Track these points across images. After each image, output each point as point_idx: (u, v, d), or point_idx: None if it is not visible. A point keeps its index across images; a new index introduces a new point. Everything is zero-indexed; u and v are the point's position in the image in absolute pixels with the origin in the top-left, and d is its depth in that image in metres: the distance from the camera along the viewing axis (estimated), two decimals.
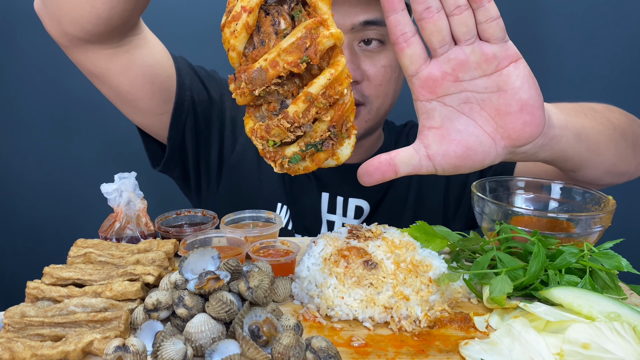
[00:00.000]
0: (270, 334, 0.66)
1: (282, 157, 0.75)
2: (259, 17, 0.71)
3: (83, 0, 0.95)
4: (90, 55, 1.09)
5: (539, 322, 0.73)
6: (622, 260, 0.83)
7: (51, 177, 1.97)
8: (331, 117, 0.73)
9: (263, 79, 0.70)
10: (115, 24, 1.01)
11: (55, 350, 0.65)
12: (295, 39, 0.70)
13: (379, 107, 1.25)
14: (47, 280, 0.79)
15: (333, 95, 0.72)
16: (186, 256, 0.74)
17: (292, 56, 0.69)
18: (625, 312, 0.71)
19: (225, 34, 0.71)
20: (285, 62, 0.69)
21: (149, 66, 1.16)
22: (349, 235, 0.88)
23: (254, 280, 0.70)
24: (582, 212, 1.04)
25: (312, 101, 0.71)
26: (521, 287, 0.84)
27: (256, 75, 0.70)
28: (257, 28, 0.72)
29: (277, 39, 0.71)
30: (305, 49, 0.69)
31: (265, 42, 0.72)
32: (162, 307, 0.71)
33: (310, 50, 0.70)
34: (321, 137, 0.74)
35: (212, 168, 1.37)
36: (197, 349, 0.65)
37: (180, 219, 1.06)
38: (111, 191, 0.95)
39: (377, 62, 1.21)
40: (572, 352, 0.66)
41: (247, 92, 0.72)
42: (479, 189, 1.04)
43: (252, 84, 0.71)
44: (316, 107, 0.71)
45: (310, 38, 0.70)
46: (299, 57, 0.69)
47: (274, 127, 0.72)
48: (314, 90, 0.71)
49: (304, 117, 0.71)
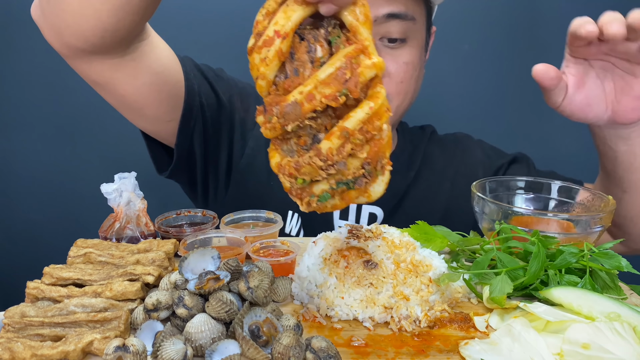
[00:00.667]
0: (270, 334, 0.66)
1: (310, 195, 0.68)
2: (293, 43, 0.64)
3: (88, 13, 0.89)
4: (94, 66, 1.02)
5: (539, 322, 0.73)
6: (622, 260, 0.83)
7: (51, 177, 1.97)
8: (367, 154, 0.66)
9: (297, 114, 0.63)
10: (122, 35, 0.95)
11: (55, 350, 0.65)
12: (334, 69, 0.62)
13: (398, 106, 1.22)
14: (47, 280, 0.79)
15: (371, 131, 0.64)
16: (186, 256, 0.74)
17: (330, 88, 0.62)
18: (625, 312, 0.71)
19: (254, 60, 0.64)
20: (323, 96, 0.62)
21: (157, 73, 1.11)
22: (349, 235, 0.88)
23: (254, 280, 0.70)
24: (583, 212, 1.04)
25: (348, 137, 0.63)
26: (521, 287, 0.84)
27: (290, 110, 0.63)
28: (291, 54, 0.64)
29: (313, 68, 0.64)
30: (345, 80, 0.62)
31: (300, 70, 0.64)
32: (162, 307, 0.71)
33: (351, 82, 0.62)
34: (354, 175, 0.66)
35: (221, 172, 1.33)
36: (197, 349, 0.65)
37: (180, 219, 1.06)
38: (111, 191, 0.95)
39: (398, 59, 1.18)
40: (572, 352, 0.66)
41: (278, 127, 0.64)
42: (479, 189, 1.04)
43: (284, 119, 0.63)
44: (352, 143, 0.64)
45: (350, 68, 0.62)
46: (338, 90, 0.62)
47: (305, 165, 0.65)
48: (350, 126, 0.63)
49: (338, 155, 0.64)
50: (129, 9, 0.89)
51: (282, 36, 0.62)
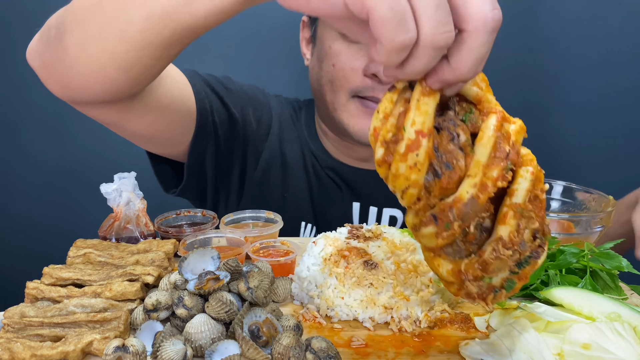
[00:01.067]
0: (270, 334, 0.66)
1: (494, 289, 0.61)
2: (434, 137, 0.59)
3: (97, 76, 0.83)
4: (102, 111, 0.97)
5: (539, 322, 0.73)
6: (623, 260, 0.83)
7: (51, 177, 1.97)
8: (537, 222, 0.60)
9: (476, 210, 0.57)
10: (136, 91, 0.90)
11: (54, 351, 0.64)
12: (491, 148, 0.56)
13: None
14: (46, 281, 0.78)
15: (540, 197, 0.59)
16: (186, 256, 0.74)
17: (496, 169, 0.56)
18: (625, 313, 0.71)
19: (398, 170, 0.56)
20: (492, 180, 0.56)
21: (167, 105, 1.05)
22: (349, 235, 0.88)
23: (254, 281, 0.70)
24: (583, 212, 1.04)
25: (522, 213, 0.58)
26: (522, 288, 0.83)
27: (469, 208, 0.56)
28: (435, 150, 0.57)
29: (467, 155, 0.57)
30: (506, 155, 0.57)
31: (453, 163, 0.57)
32: (161, 307, 0.71)
33: (512, 154, 0.57)
34: (531, 250, 0.60)
35: (233, 186, 1.30)
36: (197, 349, 0.65)
37: (180, 219, 1.06)
38: (111, 191, 0.95)
39: None
40: (572, 352, 0.66)
41: (458, 232, 0.58)
42: None
43: (463, 220, 0.57)
44: (525, 217, 0.59)
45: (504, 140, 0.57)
46: (504, 168, 0.57)
47: (492, 261, 0.58)
48: (520, 200, 0.58)
49: (519, 235, 0.58)
50: (142, 68, 0.83)
51: (426, 135, 0.55)
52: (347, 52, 1.15)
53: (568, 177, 1.26)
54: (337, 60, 1.16)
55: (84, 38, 0.82)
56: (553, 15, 1.78)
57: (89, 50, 0.82)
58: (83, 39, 0.82)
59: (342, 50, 1.15)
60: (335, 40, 1.16)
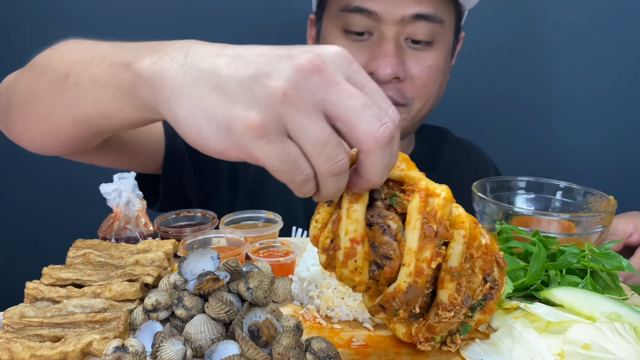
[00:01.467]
0: (270, 334, 0.66)
1: (452, 335, 0.68)
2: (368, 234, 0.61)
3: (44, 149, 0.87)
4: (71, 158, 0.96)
5: (539, 322, 0.73)
6: (623, 260, 0.83)
7: (50, 177, 1.97)
8: (482, 269, 0.64)
9: (418, 293, 0.60)
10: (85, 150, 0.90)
11: (54, 351, 0.64)
12: (419, 231, 0.59)
13: (419, 110, 1.20)
14: (46, 281, 0.78)
15: (474, 256, 0.63)
16: (185, 257, 0.74)
17: (428, 250, 0.59)
18: (626, 313, 0.71)
19: (342, 274, 0.61)
20: (427, 261, 0.59)
21: (129, 141, 1.05)
22: None
23: (254, 281, 0.69)
24: (583, 212, 1.04)
25: (460, 275, 0.62)
26: (522, 288, 0.83)
27: (410, 295, 0.60)
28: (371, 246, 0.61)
29: (399, 242, 0.60)
30: (435, 233, 0.59)
31: (390, 254, 0.60)
32: (161, 307, 0.71)
33: (441, 230, 0.60)
34: (482, 293, 0.65)
35: (223, 197, 1.28)
36: (197, 350, 0.65)
37: (179, 219, 1.05)
38: (110, 191, 0.95)
39: (423, 62, 1.16)
40: (573, 352, 0.66)
41: (406, 314, 0.63)
42: (480, 189, 1.04)
43: (408, 305, 0.61)
44: (464, 277, 0.63)
45: (431, 219, 0.60)
46: (436, 245, 0.60)
47: (437, 324, 0.63)
48: (455, 264, 0.61)
49: (459, 295, 0.62)
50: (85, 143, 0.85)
51: (360, 242, 0.59)
52: (347, 50, 1.15)
53: (568, 177, 1.26)
54: None
55: (25, 122, 0.87)
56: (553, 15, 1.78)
57: (30, 132, 0.88)
58: (24, 122, 0.87)
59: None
60: (337, 38, 1.16)
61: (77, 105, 0.73)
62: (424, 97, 1.18)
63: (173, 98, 0.54)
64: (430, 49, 1.16)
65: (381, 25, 1.12)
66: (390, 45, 1.11)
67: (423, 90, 1.17)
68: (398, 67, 1.11)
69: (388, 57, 1.11)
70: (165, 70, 0.55)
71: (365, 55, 1.14)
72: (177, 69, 0.54)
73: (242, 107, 0.50)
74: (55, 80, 0.76)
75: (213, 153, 0.53)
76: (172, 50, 0.56)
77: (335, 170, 0.51)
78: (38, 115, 0.82)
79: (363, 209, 0.59)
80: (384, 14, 1.10)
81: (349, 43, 1.15)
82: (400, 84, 1.14)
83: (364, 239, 0.59)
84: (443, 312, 0.63)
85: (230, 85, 0.51)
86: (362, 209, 0.59)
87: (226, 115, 0.50)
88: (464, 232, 0.61)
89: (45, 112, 0.80)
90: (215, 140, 0.52)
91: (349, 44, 1.15)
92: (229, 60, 0.52)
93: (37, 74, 0.82)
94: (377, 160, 0.52)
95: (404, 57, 1.14)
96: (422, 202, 0.60)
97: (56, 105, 0.77)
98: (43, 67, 0.81)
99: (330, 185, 0.52)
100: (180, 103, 0.53)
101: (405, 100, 1.16)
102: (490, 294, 0.66)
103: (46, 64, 0.80)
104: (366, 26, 1.13)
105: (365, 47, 1.15)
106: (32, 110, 0.83)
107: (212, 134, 0.51)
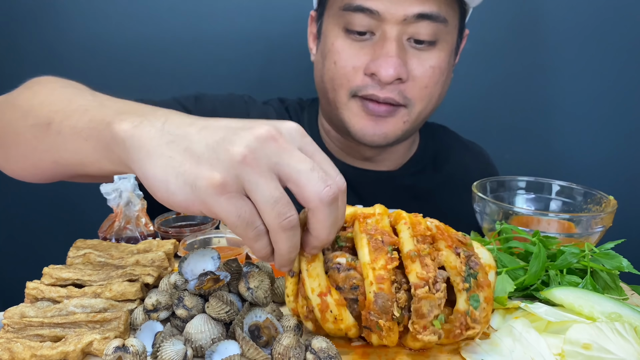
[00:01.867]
0: (271, 334, 0.66)
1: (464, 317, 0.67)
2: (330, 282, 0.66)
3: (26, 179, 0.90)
4: None
5: (540, 322, 0.73)
6: (623, 260, 0.83)
7: None
8: (448, 247, 0.67)
9: (387, 299, 0.63)
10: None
11: (54, 351, 0.64)
12: (366, 247, 0.65)
13: (421, 111, 1.18)
14: (46, 281, 0.78)
15: (425, 233, 0.67)
16: (186, 257, 0.74)
17: (381, 258, 0.64)
18: (626, 313, 0.71)
19: (331, 328, 0.66)
20: (384, 269, 0.64)
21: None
22: None
23: (254, 281, 0.69)
24: (583, 212, 1.04)
25: (419, 254, 0.65)
26: (522, 288, 0.83)
27: (380, 302, 0.63)
28: (339, 289, 0.66)
29: (356, 269, 0.66)
30: (381, 242, 0.65)
31: (355, 283, 0.65)
32: (161, 307, 0.71)
33: (386, 239, 0.65)
34: (463, 264, 0.66)
35: None
36: (197, 350, 0.65)
37: (180, 219, 1.05)
38: (110, 191, 0.95)
39: (425, 62, 1.13)
40: (573, 352, 0.66)
41: (391, 325, 0.64)
42: (480, 189, 1.04)
43: (385, 313, 0.63)
44: (427, 254, 0.65)
45: (374, 233, 0.66)
46: (386, 252, 0.64)
47: (420, 305, 0.64)
48: (410, 247, 0.65)
49: (428, 271, 0.64)
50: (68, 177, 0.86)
51: (327, 292, 0.64)
52: (349, 50, 1.13)
53: (568, 177, 1.26)
54: (338, 57, 1.14)
55: (7, 158, 0.90)
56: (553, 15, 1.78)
57: (12, 166, 0.90)
58: (6, 158, 0.90)
59: (344, 48, 1.13)
60: (338, 37, 1.15)
61: (59, 152, 0.77)
62: (425, 99, 1.16)
63: (147, 157, 0.60)
64: (434, 49, 1.14)
65: (383, 25, 1.10)
66: (393, 45, 1.09)
67: (425, 92, 1.15)
68: (400, 67, 1.10)
69: (390, 58, 1.09)
70: (144, 134, 0.61)
71: (367, 55, 1.13)
72: (155, 133, 0.61)
73: (207, 167, 0.57)
74: (37, 125, 0.80)
75: (177, 207, 0.60)
76: (152, 118, 0.63)
77: (285, 225, 0.58)
78: (19, 153, 0.86)
79: (320, 264, 0.65)
80: (386, 13, 1.09)
81: (350, 43, 1.14)
82: (402, 84, 1.13)
83: (329, 289, 0.64)
84: (418, 290, 0.64)
85: (198, 149, 0.58)
86: (319, 265, 0.65)
87: (193, 173, 0.57)
88: (404, 220, 0.67)
89: (27, 151, 0.84)
90: (181, 195, 0.58)
91: (350, 44, 1.14)
92: (200, 129, 0.60)
93: (19, 115, 0.85)
94: (323, 217, 0.58)
95: (407, 58, 1.12)
96: (361, 223, 0.67)
97: (37, 148, 0.81)
98: (24, 111, 0.84)
99: (282, 241, 0.59)
100: (153, 162, 0.59)
101: (407, 101, 1.15)
102: (474, 262, 0.67)
103: (28, 108, 0.84)
104: (368, 25, 1.11)
105: (367, 47, 1.13)
106: (14, 148, 0.86)
107: (178, 189, 0.58)
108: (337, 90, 1.17)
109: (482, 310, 0.66)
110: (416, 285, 0.64)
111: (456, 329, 0.66)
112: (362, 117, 1.16)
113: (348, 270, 0.66)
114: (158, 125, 0.62)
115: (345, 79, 1.14)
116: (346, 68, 1.13)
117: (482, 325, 0.67)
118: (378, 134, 1.16)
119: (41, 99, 0.83)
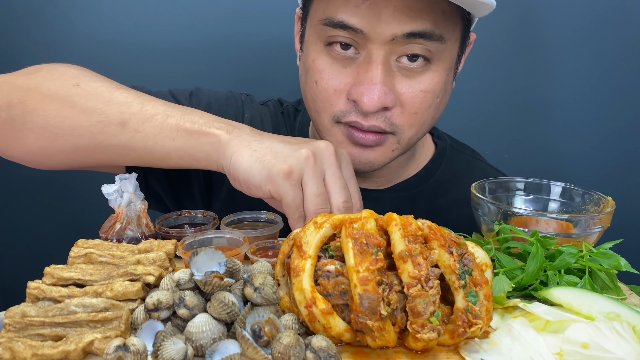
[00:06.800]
0: (272, 334, 0.66)
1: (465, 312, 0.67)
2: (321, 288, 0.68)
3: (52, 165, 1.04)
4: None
5: (538, 322, 0.73)
6: (621, 259, 0.83)
7: (52, 178, 1.97)
8: (441, 246, 0.67)
9: (373, 299, 0.63)
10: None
11: (56, 350, 0.65)
12: (352, 251, 0.65)
13: (412, 137, 1.06)
14: (47, 281, 0.79)
15: (416, 234, 0.67)
16: (197, 252, 0.74)
17: (366, 261, 0.65)
18: (624, 312, 0.72)
19: (322, 334, 0.67)
20: (368, 270, 0.64)
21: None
22: None
23: (258, 280, 0.70)
24: (582, 212, 1.04)
25: (410, 254, 0.65)
26: (521, 288, 0.84)
27: (366, 303, 0.63)
28: (327, 296, 0.68)
29: (344, 272, 0.67)
30: (365, 245, 0.65)
31: (343, 288, 0.67)
32: (162, 307, 0.71)
33: (371, 241, 0.66)
34: (457, 261, 0.67)
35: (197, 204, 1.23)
36: (198, 349, 0.66)
37: (180, 219, 1.06)
38: (112, 192, 0.95)
39: (415, 86, 0.99)
40: (571, 351, 0.66)
41: (380, 324, 0.64)
42: (479, 190, 1.04)
43: (373, 313, 0.64)
44: (419, 254, 0.65)
45: (359, 237, 0.66)
46: (371, 254, 0.65)
47: (414, 303, 0.64)
48: (401, 247, 0.65)
49: (420, 270, 0.64)
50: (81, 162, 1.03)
51: (311, 304, 0.67)
52: (329, 70, 1.01)
53: (567, 178, 1.26)
54: (319, 77, 1.02)
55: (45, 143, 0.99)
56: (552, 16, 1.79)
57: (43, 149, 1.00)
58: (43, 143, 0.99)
59: (325, 68, 1.01)
60: (320, 53, 1.02)
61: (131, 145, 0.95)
62: (416, 125, 1.03)
63: (239, 151, 0.87)
64: (427, 70, 0.99)
65: (369, 45, 0.96)
66: (378, 70, 0.95)
67: (415, 117, 1.02)
68: (385, 96, 0.96)
69: (374, 85, 0.95)
70: (237, 138, 0.90)
71: (350, 77, 1.00)
72: (246, 137, 0.89)
73: (281, 160, 0.84)
74: (106, 122, 0.94)
75: (252, 185, 0.86)
76: (239, 127, 0.92)
77: (318, 212, 0.82)
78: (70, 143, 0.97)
79: (306, 277, 0.68)
80: (371, 32, 0.93)
81: (331, 61, 1.00)
82: (389, 111, 1.00)
83: (314, 300, 0.66)
84: (411, 289, 0.64)
85: (277, 148, 0.86)
86: (304, 278, 0.67)
87: (271, 162, 0.85)
88: (395, 221, 0.68)
89: (82, 142, 0.97)
90: (258, 176, 0.85)
91: (332, 63, 1.00)
92: (277, 138, 0.90)
93: (77, 110, 0.95)
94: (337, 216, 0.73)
95: (394, 82, 0.98)
96: (347, 228, 0.68)
97: (97, 139, 0.96)
98: (83, 106, 0.95)
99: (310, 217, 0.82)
100: (243, 153, 0.87)
101: (394, 128, 1.02)
102: (468, 259, 0.68)
103: (89, 104, 0.95)
104: (351, 43, 0.98)
105: (351, 67, 1.00)
106: (67, 139, 0.97)
107: (257, 172, 0.85)
108: (319, 113, 1.06)
109: (482, 305, 0.67)
110: (409, 285, 0.64)
111: (459, 328, 0.66)
112: (347, 144, 1.05)
113: (337, 277, 0.68)
114: (247, 130, 0.91)
115: (327, 102, 1.03)
116: (328, 91, 1.02)
117: (485, 320, 0.67)
118: (364, 162, 1.06)
119: (106, 99, 0.96)
